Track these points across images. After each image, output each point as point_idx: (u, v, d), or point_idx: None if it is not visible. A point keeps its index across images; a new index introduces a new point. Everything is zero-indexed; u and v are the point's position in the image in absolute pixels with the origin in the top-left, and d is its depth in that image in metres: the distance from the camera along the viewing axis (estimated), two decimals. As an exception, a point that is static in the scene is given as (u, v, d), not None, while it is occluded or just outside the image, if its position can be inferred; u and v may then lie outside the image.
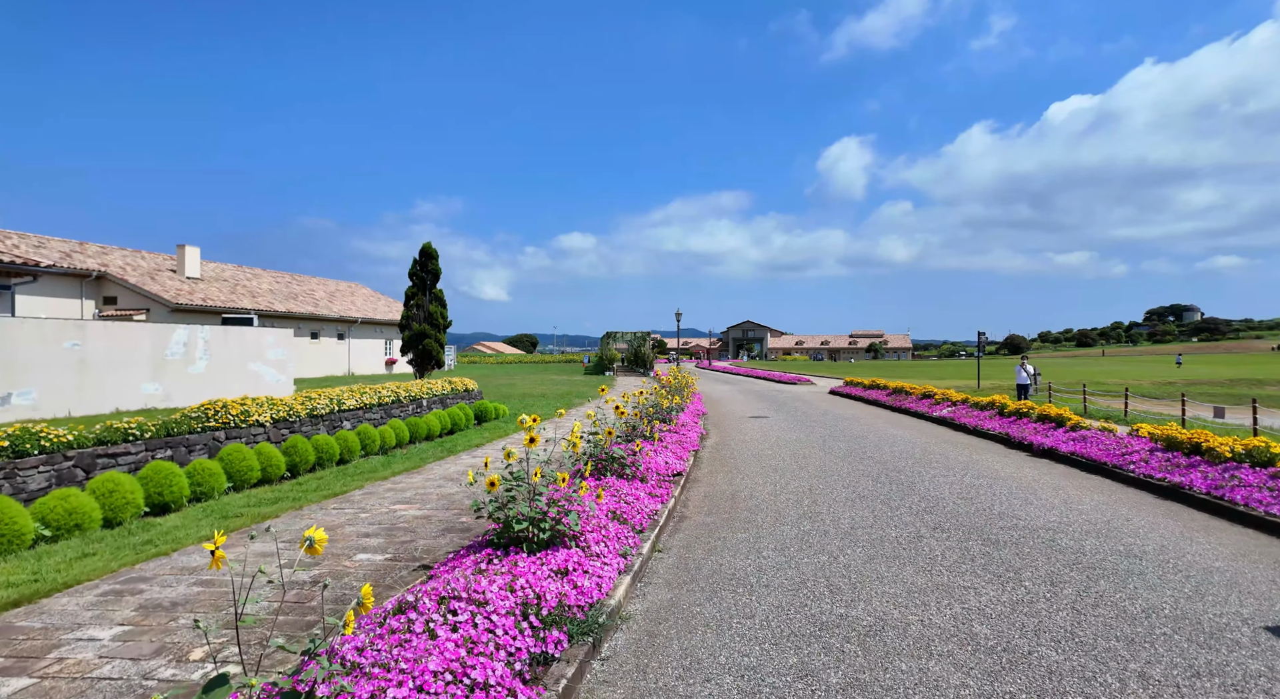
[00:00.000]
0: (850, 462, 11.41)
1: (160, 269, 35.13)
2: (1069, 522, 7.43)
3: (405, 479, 9.65)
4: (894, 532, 7.04)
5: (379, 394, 13.69)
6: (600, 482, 7.73)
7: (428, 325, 21.44)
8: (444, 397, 16.54)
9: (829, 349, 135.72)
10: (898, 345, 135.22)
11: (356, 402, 12.76)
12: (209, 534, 6.50)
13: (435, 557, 5.90)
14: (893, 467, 10.93)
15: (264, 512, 7.46)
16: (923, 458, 11.82)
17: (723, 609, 4.98)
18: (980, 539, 6.74)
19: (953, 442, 14.09)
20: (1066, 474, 10.40)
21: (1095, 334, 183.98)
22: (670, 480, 8.92)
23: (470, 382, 18.77)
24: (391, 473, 10.01)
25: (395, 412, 14.17)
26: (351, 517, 7.35)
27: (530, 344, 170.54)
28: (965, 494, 8.88)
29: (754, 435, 15.10)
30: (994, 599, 5.10)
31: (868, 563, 6.01)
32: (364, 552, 6.04)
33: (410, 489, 8.90)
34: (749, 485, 9.53)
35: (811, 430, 15.94)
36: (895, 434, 15.25)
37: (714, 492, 9.17)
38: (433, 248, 21.82)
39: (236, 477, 8.79)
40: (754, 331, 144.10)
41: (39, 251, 29.80)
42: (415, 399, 15.05)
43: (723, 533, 7.07)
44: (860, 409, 21.96)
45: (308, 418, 11.35)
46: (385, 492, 8.73)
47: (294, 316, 38.07)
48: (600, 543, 5.62)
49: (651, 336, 57.72)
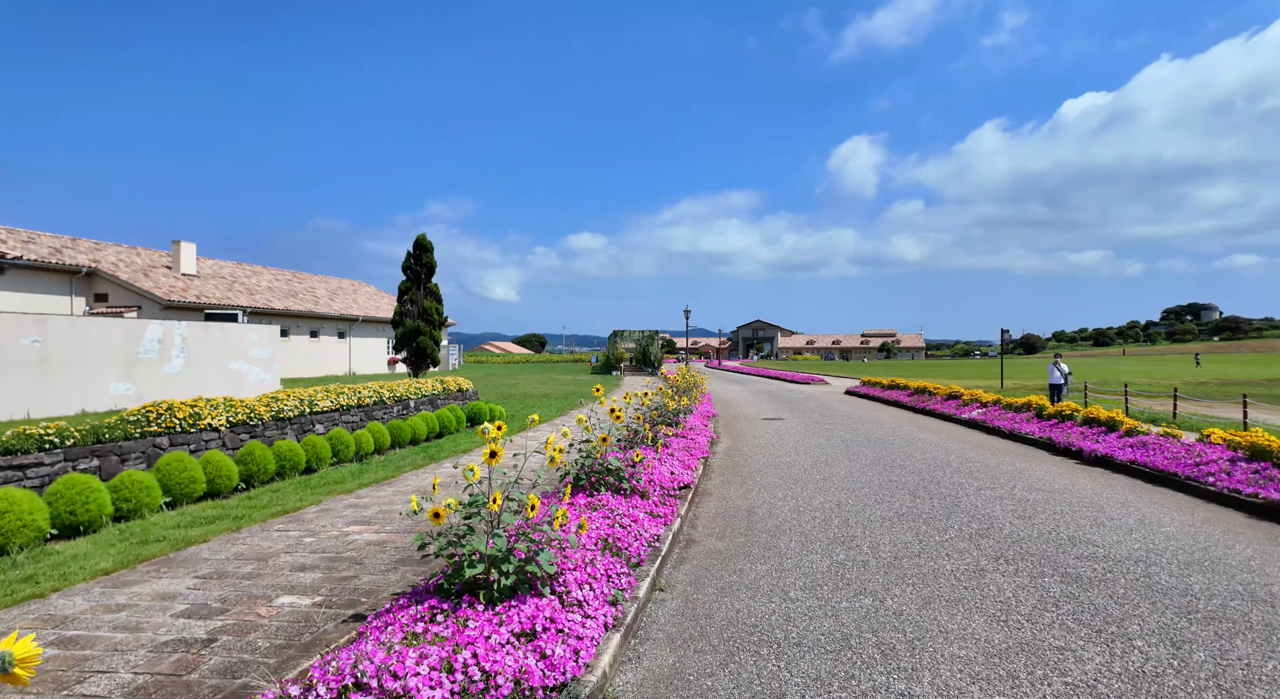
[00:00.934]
0: (880, 471, 10.12)
1: (155, 266, 34.23)
2: (1157, 549, 6.14)
3: (372, 492, 8.45)
4: (948, 563, 5.77)
5: (358, 394, 12.52)
6: (593, 499, 6.51)
7: (422, 322, 20.29)
8: (434, 397, 15.37)
9: (840, 349, 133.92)
10: (911, 345, 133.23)
11: (331, 402, 11.59)
12: (111, 566, 5.33)
13: (377, 600, 4.70)
14: (929, 477, 9.64)
15: (192, 535, 6.28)
16: (961, 466, 10.51)
17: (742, 683, 3.74)
18: (1057, 574, 5.46)
19: (989, 447, 12.76)
20: (1130, 486, 9.07)
21: (1113, 333, 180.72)
22: (676, 495, 7.68)
23: (465, 381, 17.60)
24: (360, 484, 8.82)
25: (378, 413, 13.01)
26: (294, 542, 6.16)
27: (539, 344, 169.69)
28: (1021, 512, 7.58)
29: (769, 440, 13.83)
30: (1103, 669, 3.83)
31: (923, 609, 4.75)
32: (291, 592, 4.84)
33: (374, 505, 7.71)
34: (767, 500, 8.28)
35: (831, 434, 14.65)
36: (924, 438, 13.93)
37: (727, 508, 7.93)
38: (427, 240, 20.66)
39: (176, 490, 7.63)
40: (764, 331, 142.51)
41: (28, 247, 28.93)
42: (401, 400, 13.89)
43: (739, 563, 5.83)
44: (881, 411, 20.62)
45: (272, 421, 10.18)
46: (344, 508, 7.53)
47: (292, 315, 37.10)
48: (585, 584, 4.40)
49: (660, 336, 56.47)
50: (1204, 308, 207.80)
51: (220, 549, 5.94)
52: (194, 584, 4.99)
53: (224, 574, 5.22)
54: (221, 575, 5.19)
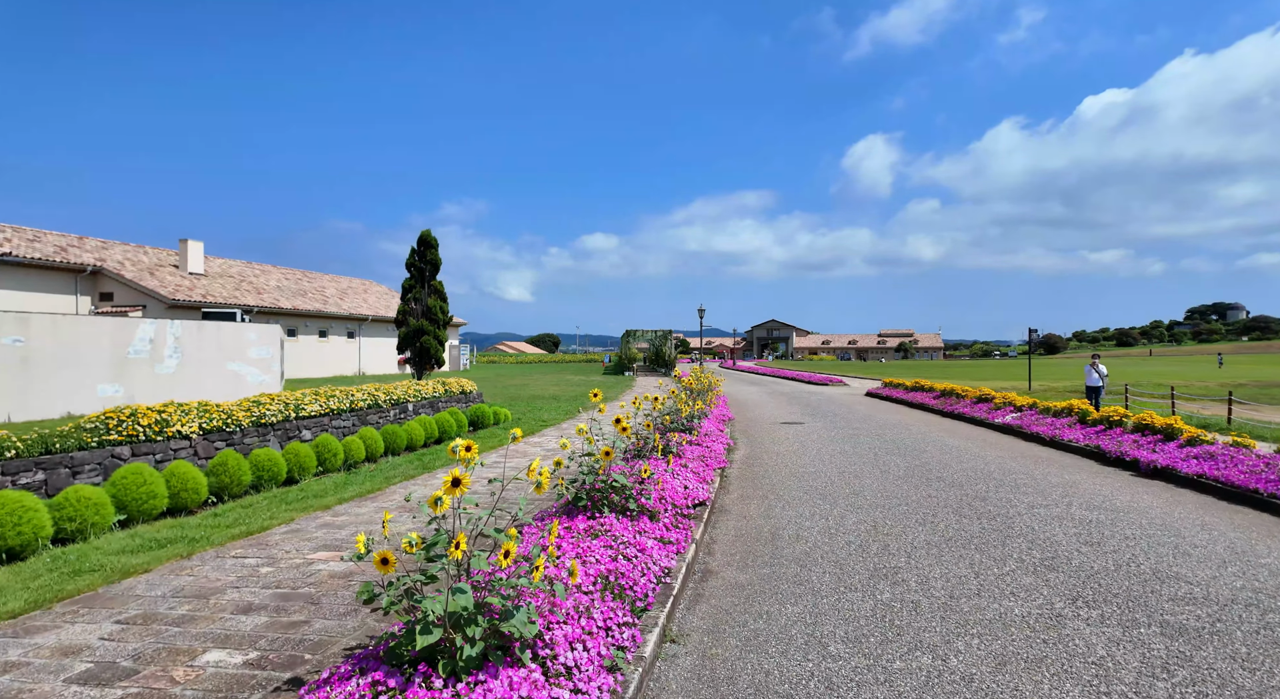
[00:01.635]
0: (916, 484, 9.16)
1: (163, 264, 33.83)
2: (1266, 590, 5.14)
3: (353, 508, 7.62)
4: (1015, 605, 4.83)
5: (351, 398, 11.73)
6: (594, 522, 5.62)
7: (426, 321, 19.53)
8: (435, 400, 14.57)
9: (856, 349, 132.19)
10: (929, 345, 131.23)
11: (320, 406, 10.81)
12: (21, 607, 4.52)
13: (324, 657, 3.84)
14: (972, 492, 8.66)
15: (133, 563, 5.47)
16: (1005, 479, 9.52)
17: (778, 791, 2.84)
18: (1153, 622, 4.50)
19: (1031, 456, 11.73)
20: (1203, 505, 8.04)
21: (1136, 333, 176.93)
22: (690, 514, 6.79)
23: (468, 383, 16.80)
24: (340, 498, 7.99)
25: (372, 418, 12.22)
26: (248, 572, 5.33)
27: (552, 344, 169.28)
28: (1087, 536, 6.61)
29: (790, 446, 12.87)
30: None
31: (998, 672, 3.82)
32: (224, 645, 4.00)
33: (351, 524, 6.87)
34: (793, 519, 7.35)
35: (857, 440, 13.67)
36: (958, 446, 12.91)
37: (748, 529, 7.01)
38: (432, 236, 19.90)
39: (133, 507, 6.84)
40: (779, 331, 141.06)
41: (32, 245, 28.56)
42: (398, 403, 13.09)
43: (765, 603, 4.92)
44: (906, 414, 19.57)
45: (253, 427, 9.40)
46: (316, 528, 6.70)
47: (300, 314, 36.59)
48: (577, 643, 3.52)
49: (674, 336, 55.55)
50: (1230, 307, 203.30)
51: (160, 582, 5.12)
52: (111, 632, 4.16)
53: (152, 618, 4.39)
54: (148, 619, 4.36)
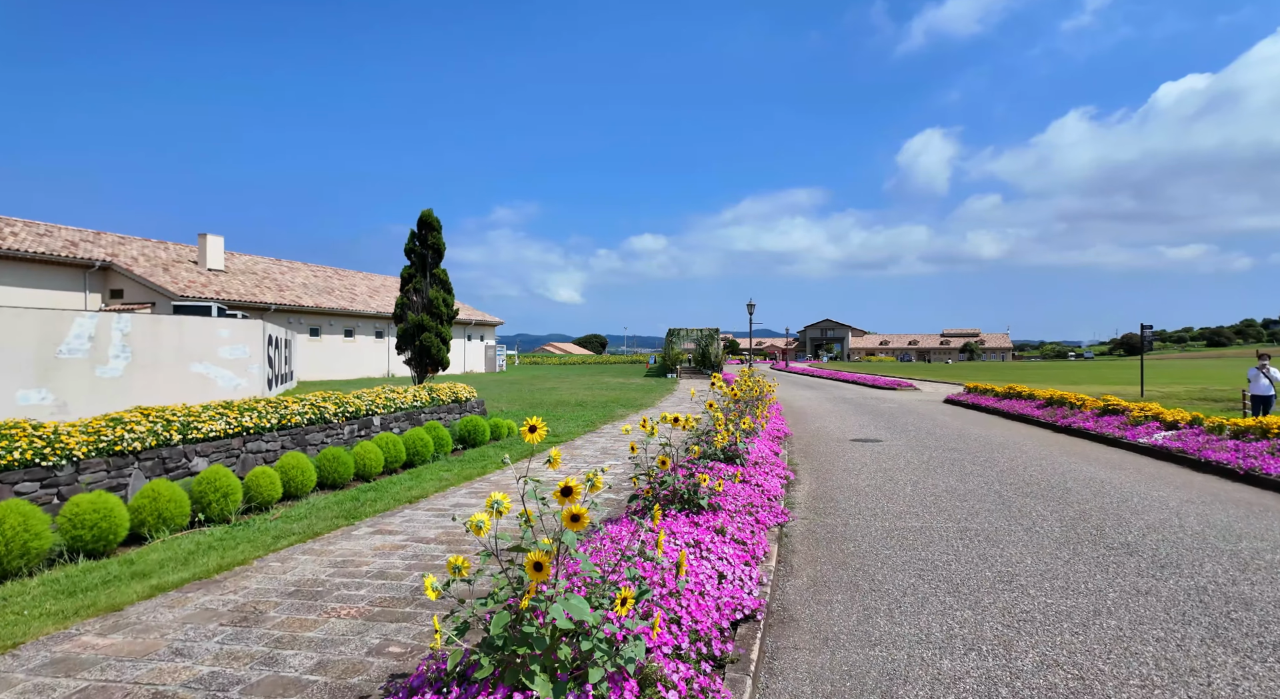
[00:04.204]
0: (1096, 561, 5.64)
1: (181, 260, 32.29)
2: None
3: (153, 612, 4.61)
4: None
5: (283, 411, 8.87)
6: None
7: (426, 315, 16.73)
8: (414, 410, 11.65)
9: (918, 349, 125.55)
10: (996, 345, 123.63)
11: (228, 424, 7.95)
12: None
13: None
14: (1203, 577, 5.12)
15: None
16: (1237, 552, 5.91)
17: None
18: None
19: (1238, 501, 8.00)
20: None
21: (1230, 331, 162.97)
22: (723, 643, 3.57)
23: (465, 388, 13.89)
24: (155, 586, 5.00)
25: (314, 437, 9.34)
26: None
27: (600, 345, 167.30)
28: None
29: (872, 478, 9.43)
30: None
31: None
32: None
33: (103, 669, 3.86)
34: (916, 653, 4.00)
35: (963, 469, 10.11)
36: (1112, 482, 9.23)
37: (836, 680, 3.70)
38: (434, 217, 17.09)
39: None
40: (834, 331, 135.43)
41: (42, 240, 27.16)
42: (356, 416, 10.20)
43: None
44: (1008, 429, 15.75)
45: (99, 458, 6.56)
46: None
47: (324, 312, 34.63)
48: None
49: (721, 336, 52.02)
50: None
51: None
52: None
53: None
54: None
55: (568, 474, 9.52)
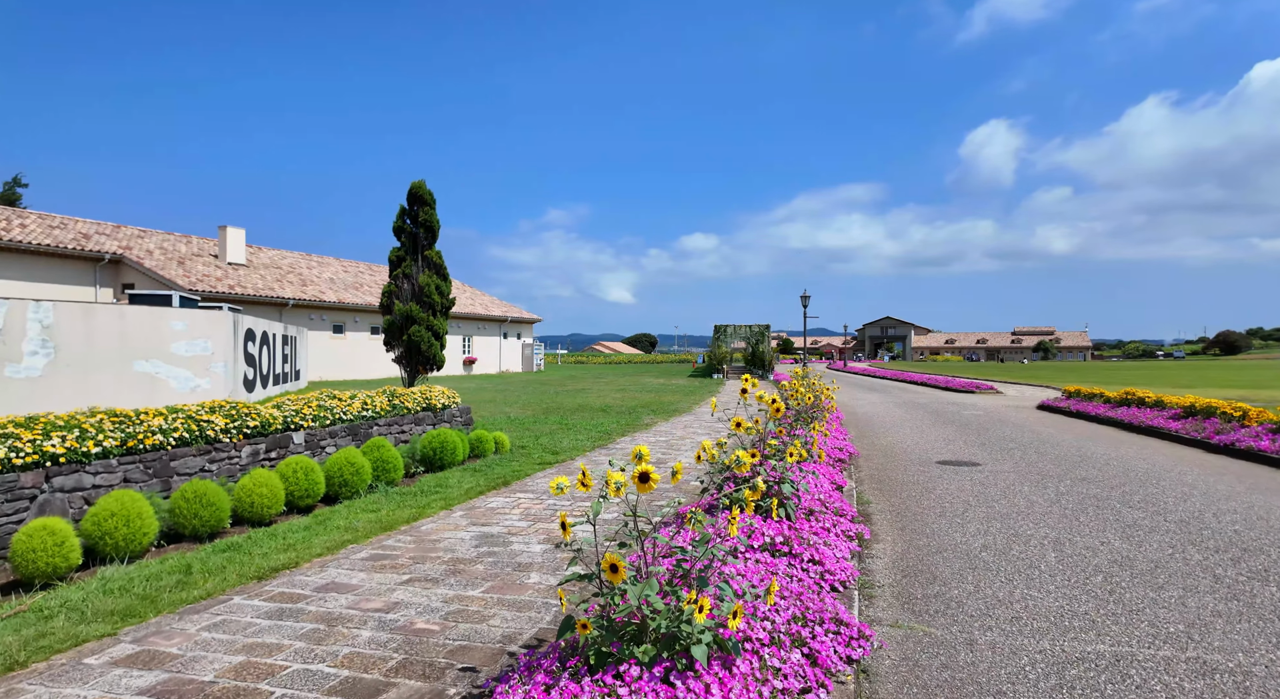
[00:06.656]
0: None
1: (201, 253, 30.97)
2: None
3: None
4: None
5: (138, 427, 6.30)
6: None
7: (415, 305, 14.19)
8: (359, 421, 9.02)
9: (987, 348, 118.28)
10: (1073, 344, 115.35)
11: (56, 445, 5.41)
12: None
13: None
14: None
15: None
16: None
17: None
18: None
19: None
20: None
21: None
22: None
23: (445, 393, 11.25)
24: None
25: (193, 461, 6.76)
26: None
27: (649, 344, 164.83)
28: None
29: (986, 532, 6.23)
30: None
31: None
32: None
33: None
34: None
35: (1126, 522, 6.81)
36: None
37: None
38: (426, 189, 14.54)
39: None
40: (895, 329, 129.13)
41: (53, 233, 26.06)
42: (267, 432, 7.59)
43: None
44: (1146, 448, 12.15)
45: None
46: None
47: (347, 308, 32.86)
48: None
49: (772, 335, 48.52)
50: None
51: None
52: None
53: None
54: None
55: (534, 518, 6.68)
